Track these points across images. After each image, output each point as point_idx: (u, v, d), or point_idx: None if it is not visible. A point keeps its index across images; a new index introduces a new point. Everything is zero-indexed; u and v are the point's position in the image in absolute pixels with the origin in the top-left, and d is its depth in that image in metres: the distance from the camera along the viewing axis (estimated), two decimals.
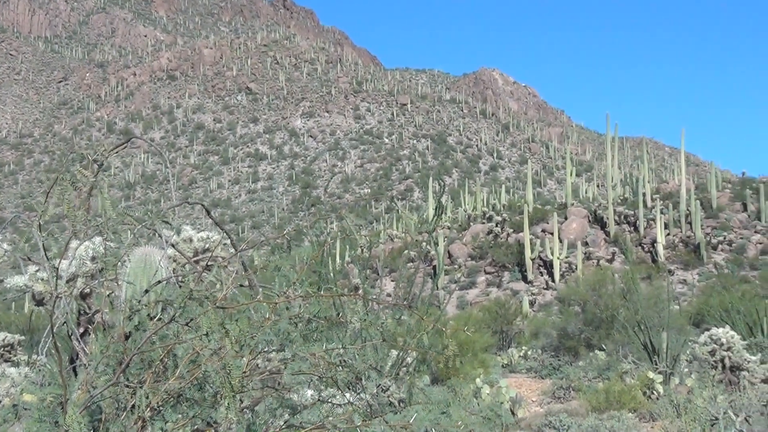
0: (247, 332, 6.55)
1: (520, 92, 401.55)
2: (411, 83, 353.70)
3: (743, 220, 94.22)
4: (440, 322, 13.49)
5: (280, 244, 8.10)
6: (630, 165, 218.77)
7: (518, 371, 39.72)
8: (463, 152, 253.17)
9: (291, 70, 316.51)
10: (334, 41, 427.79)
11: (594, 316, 43.33)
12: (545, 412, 23.93)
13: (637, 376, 25.81)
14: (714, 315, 33.49)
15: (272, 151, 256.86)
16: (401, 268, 71.40)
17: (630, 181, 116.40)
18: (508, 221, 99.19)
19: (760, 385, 23.16)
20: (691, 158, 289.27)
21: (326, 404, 7.54)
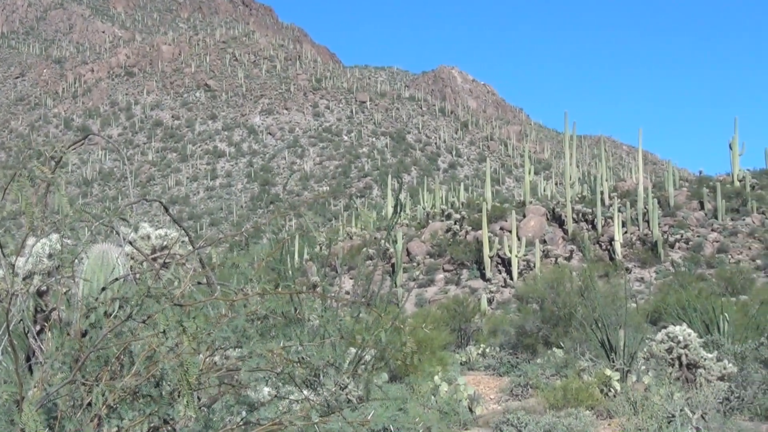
0: (204, 329, 6.53)
1: (479, 90, 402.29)
2: (370, 81, 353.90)
3: (700, 219, 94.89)
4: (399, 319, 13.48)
5: (238, 242, 8.11)
6: (588, 163, 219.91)
7: (476, 369, 39.75)
8: (422, 150, 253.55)
9: (250, 67, 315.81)
10: (293, 38, 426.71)
11: (552, 314, 43.44)
12: (503, 410, 23.98)
13: (595, 373, 25.91)
14: (671, 313, 33.65)
15: (231, 148, 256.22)
16: (360, 266, 71.40)
17: (588, 179, 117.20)
18: (467, 219, 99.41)
19: (716, 382, 23.30)
20: (649, 157, 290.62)
21: (284, 401, 7.54)
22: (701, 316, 31.34)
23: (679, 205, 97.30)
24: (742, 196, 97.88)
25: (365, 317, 17.96)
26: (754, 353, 26.81)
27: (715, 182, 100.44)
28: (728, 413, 20.79)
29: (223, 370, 6.99)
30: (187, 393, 6.31)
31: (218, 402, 7.19)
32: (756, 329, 31.80)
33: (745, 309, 38.92)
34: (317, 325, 7.49)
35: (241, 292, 6.85)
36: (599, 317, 29.84)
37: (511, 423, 20.21)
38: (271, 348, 6.78)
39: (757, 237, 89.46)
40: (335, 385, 15.66)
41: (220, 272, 7.91)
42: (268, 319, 6.95)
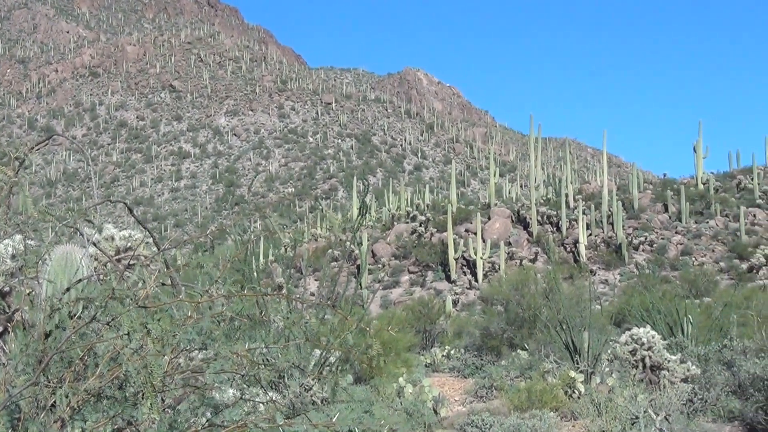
0: (169, 331, 6.51)
1: (445, 92, 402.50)
2: (336, 82, 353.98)
3: (664, 221, 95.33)
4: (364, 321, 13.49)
5: (203, 243, 8.07)
6: (553, 166, 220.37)
7: (441, 370, 39.81)
8: (387, 152, 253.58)
9: (215, 68, 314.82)
10: (259, 40, 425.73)
11: (516, 316, 43.56)
12: (468, 411, 24.03)
13: (559, 375, 26.00)
14: (635, 315, 33.77)
15: (196, 150, 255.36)
16: (325, 268, 71.25)
17: (553, 181, 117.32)
18: (432, 221, 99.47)
19: (679, 384, 23.41)
20: (614, 159, 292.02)
21: (249, 403, 7.53)
22: (665, 318, 31.49)
23: (643, 208, 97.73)
24: (706, 199, 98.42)
25: (331, 319, 17.97)
26: (718, 355, 26.97)
27: (679, 185, 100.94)
28: (692, 415, 20.91)
29: (187, 371, 6.96)
30: (151, 395, 6.29)
31: (183, 403, 7.17)
32: (719, 331, 32.00)
33: (708, 311, 39.12)
34: (282, 327, 7.47)
35: (207, 294, 6.83)
36: (564, 319, 29.96)
37: (475, 425, 20.25)
38: (237, 350, 6.76)
39: (721, 239, 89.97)
40: (300, 387, 15.65)
41: (185, 273, 7.88)
42: (233, 321, 6.94)
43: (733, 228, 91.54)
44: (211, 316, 6.75)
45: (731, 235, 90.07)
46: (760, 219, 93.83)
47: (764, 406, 20.55)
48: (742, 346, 27.62)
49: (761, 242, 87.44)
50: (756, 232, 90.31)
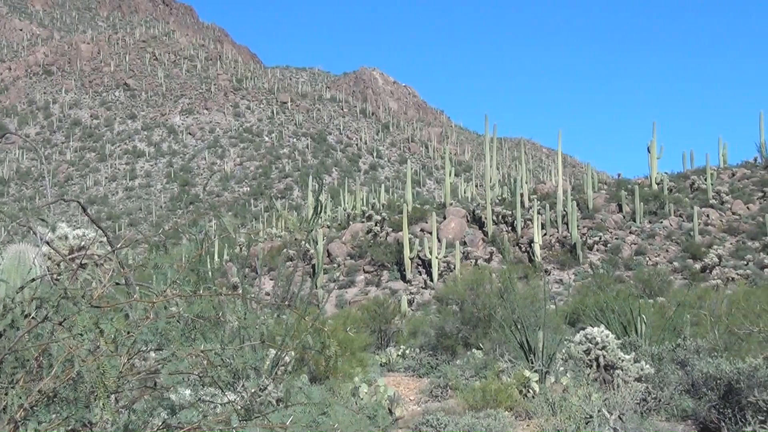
0: (123, 331, 6.45)
1: (400, 92, 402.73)
2: (291, 81, 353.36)
3: (618, 221, 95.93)
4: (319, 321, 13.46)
5: (157, 242, 8.02)
6: (508, 165, 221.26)
7: (396, 370, 39.80)
8: (343, 151, 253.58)
9: (170, 67, 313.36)
10: (214, 38, 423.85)
11: (471, 315, 43.58)
12: (423, 411, 24.03)
13: (514, 374, 26.03)
14: (589, 314, 33.88)
15: (150, 148, 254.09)
16: (280, 267, 71.09)
17: (508, 181, 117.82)
18: (388, 220, 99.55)
19: (633, 383, 23.50)
20: (568, 159, 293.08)
21: (205, 404, 7.48)
22: (619, 317, 31.61)
23: (597, 208, 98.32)
24: (660, 199, 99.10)
25: (286, 319, 17.91)
26: (671, 354, 27.10)
27: (634, 185, 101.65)
28: (645, 414, 21.00)
29: (142, 372, 6.91)
30: (104, 396, 6.23)
31: (139, 404, 7.11)
32: (673, 331, 32.16)
33: (662, 311, 39.37)
34: (237, 327, 7.44)
35: (162, 294, 6.78)
36: (518, 319, 30.01)
37: (430, 424, 20.26)
38: (193, 351, 6.72)
39: (674, 239, 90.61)
40: (255, 388, 15.59)
41: (141, 273, 7.82)
42: (189, 321, 6.89)
43: (686, 228, 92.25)
44: (167, 317, 6.70)
45: (685, 235, 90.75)
46: (713, 219, 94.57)
47: (717, 405, 20.66)
48: (696, 346, 27.77)
49: (714, 242, 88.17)
50: (709, 232, 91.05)
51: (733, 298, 37.20)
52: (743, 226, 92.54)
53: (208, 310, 7.10)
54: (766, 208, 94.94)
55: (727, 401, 20.60)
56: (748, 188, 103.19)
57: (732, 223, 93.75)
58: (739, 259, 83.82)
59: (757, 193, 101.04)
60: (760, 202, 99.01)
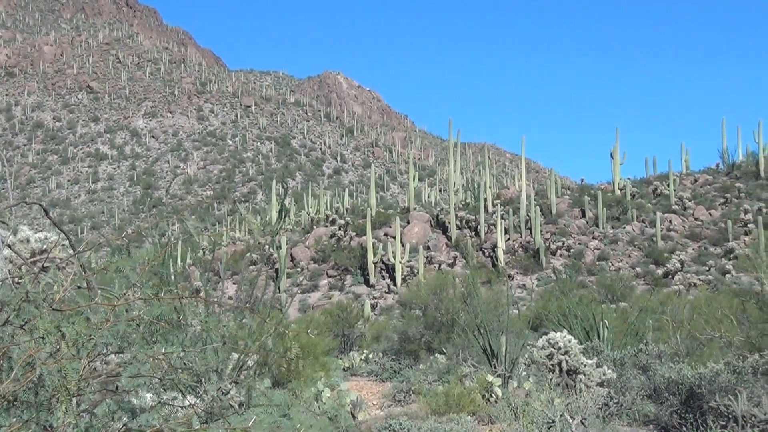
0: (85, 335, 6.43)
1: (365, 96, 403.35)
2: (255, 85, 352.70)
3: (581, 226, 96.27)
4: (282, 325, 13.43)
5: (120, 246, 7.99)
6: (472, 170, 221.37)
7: (359, 374, 39.82)
8: (306, 155, 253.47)
9: (133, 70, 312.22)
10: (178, 41, 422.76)
11: (435, 320, 43.67)
12: (385, 415, 24.04)
13: (477, 379, 26.09)
14: (552, 319, 33.97)
15: (113, 151, 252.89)
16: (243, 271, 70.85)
17: (472, 186, 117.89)
18: (351, 225, 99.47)
19: (595, 388, 23.59)
20: (532, 165, 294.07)
21: (166, 407, 7.46)
22: (581, 322, 31.74)
23: (560, 213, 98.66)
24: (623, 205, 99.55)
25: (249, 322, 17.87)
26: (633, 359, 27.23)
27: (597, 190, 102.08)
28: (607, 419, 21.09)
29: (103, 375, 6.88)
30: (66, 399, 6.21)
31: (100, 408, 7.08)
32: (635, 336, 32.31)
33: (624, 316, 39.55)
34: (200, 331, 7.41)
35: (124, 297, 6.76)
36: (481, 323, 30.06)
37: (393, 429, 20.25)
38: (154, 354, 6.70)
39: (637, 245, 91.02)
40: (218, 391, 15.56)
41: (102, 276, 7.79)
42: (151, 325, 6.87)
43: (649, 233, 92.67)
44: (129, 320, 6.68)
45: (647, 241, 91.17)
46: (675, 225, 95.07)
47: (679, 410, 20.79)
48: (658, 351, 27.92)
49: (677, 248, 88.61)
50: (671, 238, 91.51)
51: (694, 304, 37.42)
52: (705, 232, 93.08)
53: (170, 313, 7.09)
54: (728, 214, 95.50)
55: (688, 406, 20.74)
56: (710, 194, 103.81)
57: (694, 229, 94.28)
58: (701, 265, 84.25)
59: (719, 199, 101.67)
60: (722, 208, 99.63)
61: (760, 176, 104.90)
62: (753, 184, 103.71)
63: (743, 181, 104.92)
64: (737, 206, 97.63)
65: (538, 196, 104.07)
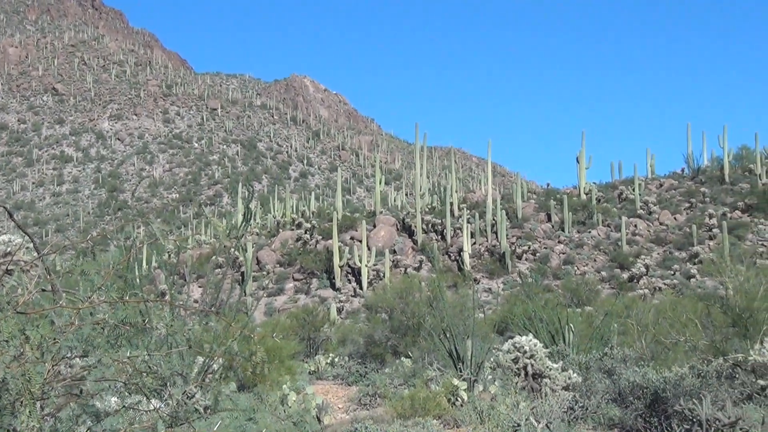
0: (49, 338, 6.39)
1: (331, 100, 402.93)
2: (222, 88, 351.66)
3: (547, 230, 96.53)
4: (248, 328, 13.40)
5: (85, 249, 7.95)
6: (438, 174, 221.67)
7: (325, 378, 39.75)
8: (273, 158, 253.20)
9: (99, 72, 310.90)
10: (144, 43, 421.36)
11: (401, 324, 43.64)
12: (351, 419, 24.02)
13: (442, 383, 26.07)
14: (517, 323, 33.98)
15: (78, 154, 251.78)
16: (209, 274, 70.78)
17: (438, 190, 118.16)
18: (317, 228, 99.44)
19: (561, 392, 23.62)
20: (498, 169, 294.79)
21: (131, 411, 7.42)
22: (547, 326, 31.78)
23: (526, 217, 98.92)
24: (588, 209, 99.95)
25: (214, 326, 17.83)
26: (598, 363, 27.29)
27: (562, 195, 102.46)
28: (572, 422, 21.12)
29: (68, 379, 6.84)
30: (30, 403, 6.17)
31: (64, 411, 7.04)
32: (600, 340, 32.38)
33: (589, 320, 39.63)
34: (165, 334, 7.38)
35: (89, 300, 6.72)
36: (447, 327, 30.09)
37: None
38: (119, 357, 6.66)
39: (602, 249, 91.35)
40: (183, 395, 15.50)
41: (67, 279, 7.74)
42: (116, 328, 6.83)
43: (614, 238, 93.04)
44: (94, 323, 6.64)
45: (613, 245, 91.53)
46: (640, 229, 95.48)
47: (644, 414, 20.86)
48: (623, 355, 27.99)
49: (642, 252, 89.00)
50: (637, 242, 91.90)
51: (659, 308, 37.53)
52: (670, 237, 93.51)
53: (135, 316, 7.05)
54: (693, 219, 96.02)
55: (653, 410, 20.81)
56: (675, 199, 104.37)
57: (659, 234, 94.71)
58: (666, 269, 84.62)
59: (684, 204, 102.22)
60: (687, 212, 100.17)
61: (724, 181, 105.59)
62: (718, 188, 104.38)
63: (708, 186, 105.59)
64: (702, 211, 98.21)
65: (504, 200, 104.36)
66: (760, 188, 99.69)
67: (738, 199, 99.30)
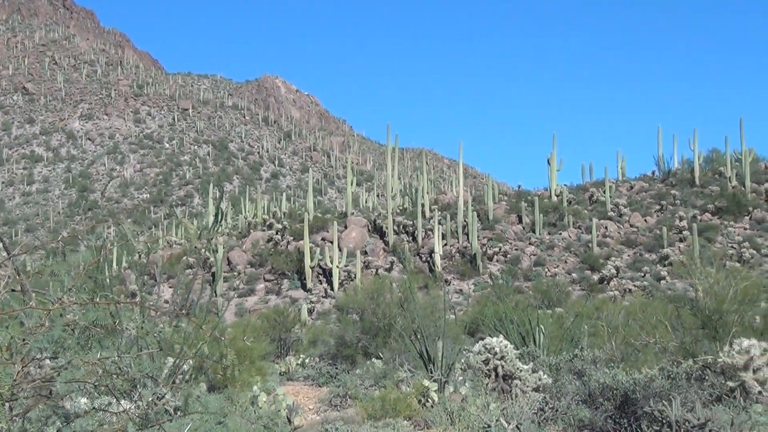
0: (19, 339, 6.36)
1: (303, 100, 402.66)
2: (193, 88, 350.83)
3: (518, 232, 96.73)
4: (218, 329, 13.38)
5: (55, 249, 7.93)
6: (410, 176, 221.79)
7: (296, 379, 39.68)
8: (244, 159, 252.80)
9: (70, 71, 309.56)
10: (115, 43, 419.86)
11: (372, 325, 43.60)
12: (322, 420, 24.01)
13: (413, 384, 26.08)
14: (488, 324, 34.01)
15: (49, 153, 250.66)
16: (180, 275, 70.59)
17: (409, 191, 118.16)
18: (289, 229, 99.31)
19: (531, 393, 23.66)
20: (469, 170, 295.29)
21: (101, 413, 7.39)
22: (518, 328, 31.84)
23: (497, 219, 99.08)
24: (559, 211, 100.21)
25: (185, 327, 17.79)
26: (569, 365, 27.36)
27: (533, 197, 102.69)
28: (542, 424, 21.17)
29: (38, 380, 6.82)
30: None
31: (33, 412, 7.01)
32: (570, 341, 32.46)
33: (560, 321, 39.68)
34: (135, 336, 7.36)
35: (59, 301, 6.69)
36: (418, 328, 30.12)
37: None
38: (88, 359, 6.64)
39: (573, 251, 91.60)
40: (153, 396, 15.46)
41: (37, 280, 7.71)
42: (87, 330, 6.81)
43: (585, 240, 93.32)
44: (64, 325, 6.61)
45: (583, 247, 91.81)
46: (611, 231, 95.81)
47: (613, 415, 20.92)
48: (593, 356, 28.07)
49: (612, 254, 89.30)
50: (607, 244, 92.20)
51: (630, 310, 37.62)
52: (641, 239, 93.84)
53: (105, 317, 7.03)
54: (663, 221, 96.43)
55: (623, 411, 20.87)
56: (645, 201, 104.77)
57: (630, 236, 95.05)
58: (637, 271, 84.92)
59: (655, 206, 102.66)
60: (657, 214, 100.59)
61: (695, 184, 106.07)
62: (688, 191, 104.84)
63: (678, 189, 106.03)
64: (672, 213, 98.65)
65: (476, 202, 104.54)
66: (730, 191, 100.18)
67: (708, 202, 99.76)
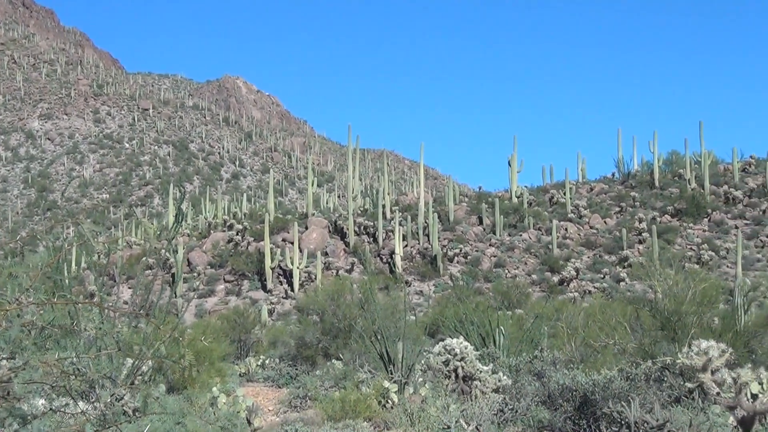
0: None
1: (264, 101, 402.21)
2: (153, 88, 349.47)
3: (479, 233, 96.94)
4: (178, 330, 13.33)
5: (13, 249, 7.87)
6: (371, 177, 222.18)
7: (256, 380, 39.63)
8: (204, 159, 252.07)
9: (29, 71, 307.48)
10: (75, 42, 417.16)
11: (332, 326, 43.60)
12: (281, 421, 23.99)
13: (373, 385, 26.10)
14: (448, 326, 34.08)
15: (7, 153, 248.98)
16: (139, 276, 70.30)
17: (370, 192, 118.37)
18: (249, 230, 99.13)
19: (491, 394, 23.72)
20: (430, 172, 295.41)
21: (58, 414, 7.35)
22: (478, 329, 31.92)
23: (458, 220, 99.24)
24: (520, 212, 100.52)
25: (144, 328, 17.71)
26: (528, 366, 27.45)
27: (494, 198, 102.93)
28: (502, 425, 21.22)
29: None
30: None
31: None
32: (530, 342, 32.59)
33: (520, 323, 39.85)
34: (94, 336, 7.32)
35: (16, 302, 6.65)
36: (379, 329, 30.16)
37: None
38: (46, 359, 6.60)
39: (533, 252, 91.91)
40: (112, 397, 15.38)
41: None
42: (44, 330, 6.76)
43: (545, 241, 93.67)
44: (21, 325, 6.57)
45: (543, 248, 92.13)
46: (571, 233, 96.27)
47: (573, 416, 21.00)
48: (552, 358, 28.17)
49: (572, 255, 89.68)
50: (567, 246, 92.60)
51: (589, 311, 37.76)
52: (600, 240, 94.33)
53: (63, 318, 6.99)
54: (622, 223, 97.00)
55: (582, 412, 20.96)
56: (605, 203, 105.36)
57: (589, 237, 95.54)
58: (596, 273, 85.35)
59: (615, 208, 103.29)
60: (617, 216, 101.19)
61: (654, 185, 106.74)
62: (648, 193, 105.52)
63: (638, 191, 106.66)
64: (632, 215, 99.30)
65: (436, 203, 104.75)
66: (689, 193, 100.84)
67: (667, 204, 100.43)
